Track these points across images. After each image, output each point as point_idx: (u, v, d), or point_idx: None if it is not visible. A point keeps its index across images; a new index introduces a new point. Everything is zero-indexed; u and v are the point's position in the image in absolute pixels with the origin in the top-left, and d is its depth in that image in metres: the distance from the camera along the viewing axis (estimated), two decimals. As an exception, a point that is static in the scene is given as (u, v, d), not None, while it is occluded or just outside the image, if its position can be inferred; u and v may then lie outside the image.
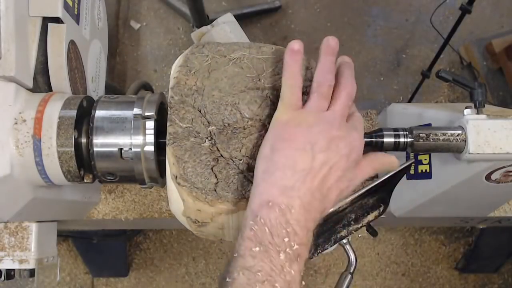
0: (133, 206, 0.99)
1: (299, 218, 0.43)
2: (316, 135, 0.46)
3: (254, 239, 0.42)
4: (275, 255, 0.41)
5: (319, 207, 0.46)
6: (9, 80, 0.59)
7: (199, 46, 0.56)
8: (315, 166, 0.45)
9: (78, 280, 1.86)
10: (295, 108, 0.48)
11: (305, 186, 0.45)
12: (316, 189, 0.45)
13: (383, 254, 1.88)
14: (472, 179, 0.72)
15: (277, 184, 0.44)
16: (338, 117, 0.49)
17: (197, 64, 0.54)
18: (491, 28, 1.94)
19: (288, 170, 0.45)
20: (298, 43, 0.50)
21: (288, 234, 0.42)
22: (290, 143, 0.46)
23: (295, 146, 0.46)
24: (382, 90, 1.90)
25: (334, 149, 0.46)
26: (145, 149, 0.57)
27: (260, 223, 0.42)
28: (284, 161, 0.45)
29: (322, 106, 0.49)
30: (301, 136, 0.46)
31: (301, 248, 0.43)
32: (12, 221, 0.69)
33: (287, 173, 0.45)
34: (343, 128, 0.48)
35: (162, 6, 1.97)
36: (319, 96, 0.49)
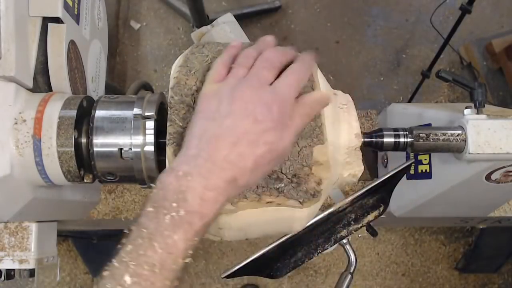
0: (133, 206, 0.99)
1: (194, 186, 0.43)
2: (223, 101, 0.46)
3: (151, 200, 0.44)
4: (161, 217, 0.42)
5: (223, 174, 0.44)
6: (9, 80, 0.59)
7: (199, 46, 0.56)
8: (220, 133, 0.44)
9: (78, 280, 1.86)
10: (213, 81, 0.49)
11: (206, 154, 0.44)
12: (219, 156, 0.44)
13: (383, 254, 1.88)
14: (472, 179, 0.72)
15: (184, 154, 0.46)
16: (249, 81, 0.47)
17: (197, 64, 0.54)
18: (491, 28, 1.94)
19: (194, 139, 0.45)
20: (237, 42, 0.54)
21: (177, 200, 0.42)
22: (200, 113, 0.47)
23: (204, 116, 0.46)
24: (382, 90, 1.90)
25: (240, 114, 0.45)
26: (145, 149, 0.57)
27: (159, 186, 0.44)
28: (193, 131, 0.46)
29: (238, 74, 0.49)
30: (211, 105, 0.46)
31: (191, 216, 0.42)
32: (12, 221, 0.69)
33: (193, 142, 0.45)
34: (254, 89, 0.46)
35: (162, 6, 1.97)
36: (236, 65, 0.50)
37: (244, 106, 0.45)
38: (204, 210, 0.43)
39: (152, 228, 0.42)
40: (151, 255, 0.42)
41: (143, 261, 0.42)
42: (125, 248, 0.44)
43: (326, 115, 0.55)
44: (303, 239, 0.65)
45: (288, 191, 0.51)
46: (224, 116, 0.45)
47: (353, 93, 0.60)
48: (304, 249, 0.65)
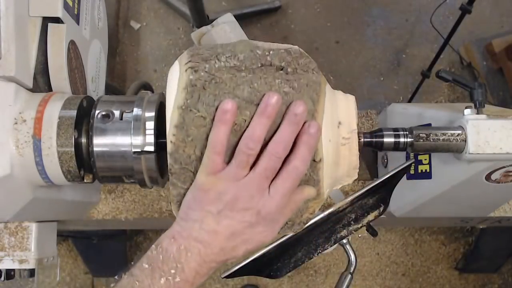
0: (133, 206, 0.99)
1: (191, 261, 0.50)
2: (223, 204, 0.50)
3: (149, 258, 0.50)
4: (157, 277, 0.49)
5: (218, 259, 0.51)
6: (9, 80, 0.59)
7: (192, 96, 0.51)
8: (219, 229, 0.51)
9: (78, 280, 1.86)
10: (210, 173, 0.50)
11: (207, 241, 0.50)
12: (217, 247, 0.51)
13: (383, 254, 1.88)
14: (472, 179, 0.72)
15: (186, 231, 0.51)
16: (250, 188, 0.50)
17: (194, 129, 0.51)
18: (491, 28, 1.94)
19: (196, 224, 0.51)
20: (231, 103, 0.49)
21: (176, 268, 0.49)
22: (200, 204, 0.51)
23: (205, 208, 0.51)
24: (382, 90, 1.90)
25: (238, 219, 0.50)
26: (145, 149, 0.57)
27: (159, 250, 0.50)
28: (196, 216, 0.51)
29: (237, 175, 0.50)
30: (210, 201, 0.50)
31: (184, 283, 0.50)
32: (12, 221, 0.69)
33: (195, 226, 0.51)
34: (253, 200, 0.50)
35: (162, 6, 1.97)
36: (237, 164, 0.50)
37: (242, 214, 0.50)
38: (196, 281, 0.51)
39: (146, 284, 0.48)
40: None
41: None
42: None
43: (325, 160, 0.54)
44: (303, 239, 0.65)
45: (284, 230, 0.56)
46: (224, 216, 0.50)
47: (353, 93, 0.60)
48: (304, 249, 0.65)
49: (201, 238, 0.50)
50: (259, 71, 0.53)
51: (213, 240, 0.51)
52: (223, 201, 0.50)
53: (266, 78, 0.52)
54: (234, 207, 0.50)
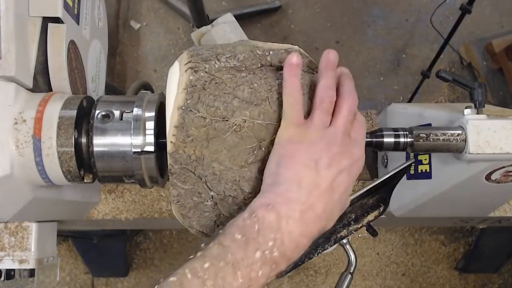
0: (133, 206, 0.99)
1: (293, 230, 0.45)
2: (319, 152, 0.48)
3: (241, 229, 0.44)
4: (252, 250, 0.43)
5: (319, 224, 0.47)
6: (9, 80, 0.59)
7: (191, 100, 0.51)
8: (320, 182, 0.47)
9: (78, 280, 1.86)
10: (297, 125, 0.49)
11: (309, 201, 0.46)
12: (319, 205, 0.47)
13: (383, 254, 1.88)
14: (472, 179, 0.72)
15: (282, 195, 0.46)
16: (340, 133, 0.49)
17: (194, 130, 0.51)
18: (491, 28, 1.94)
19: (294, 184, 0.46)
20: (296, 56, 0.51)
21: (274, 239, 0.44)
22: (294, 159, 0.47)
23: (300, 162, 0.47)
24: (382, 90, 1.90)
25: (336, 166, 0.48)
26: (145, 149, 0.57)
27: (254, 220, 0.44)
28: (290, 175, 0.47)
29: (324, 122, 0.50)
30: (305, 153, 0.47)
31: (281, 258, 0.44)
32: (12, 221, 0.69)
33: (292, 187, 0.46)
34: (345, 143, 0.49)
35: (162, 6, 1.97)
36: (321, 112, 0.50)
37: (339, 160, 0.48)
38: (294, 255, 0.46)
39: (239, 256, 0.43)
40: (230, 281, 0.42)
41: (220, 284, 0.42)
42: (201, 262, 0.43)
43: None
44: (303, 239, 0.64)
45: None
46: (322, 168, 0.47)
47: (353, 93, 0.60)
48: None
49: (302, 198, 0.46)
50: (259, 71, 0.53)
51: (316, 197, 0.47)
52: (318, 149, 0.48)
53: (266, 79, 0.52)
54: (330, 152, 0.48)
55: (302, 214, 0.45)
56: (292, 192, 0.46)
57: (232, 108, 0.51)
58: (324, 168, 0.47)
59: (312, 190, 0.46)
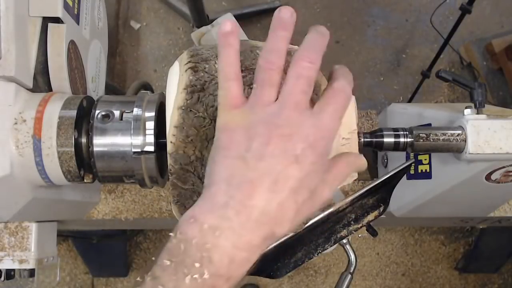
0: (133, 206, 0.99)
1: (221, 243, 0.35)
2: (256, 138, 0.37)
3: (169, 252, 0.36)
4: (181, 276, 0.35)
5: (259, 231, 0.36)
6: (9, 80, 0.59)
7: (191, 101, 0.50)
8: (255, 178, 0.36)
9: (78, 280, 1.86)
10: (232, 107, 0.39)
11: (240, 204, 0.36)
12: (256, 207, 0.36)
13: (383, 254, 1.88)
14: (472, 179, 0.72)
15: (209, 200, 0.37)
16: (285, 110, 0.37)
17: (194, 130, 0.50)
18: (491, 28, 1.94)
19: (223, 183, 0.37)
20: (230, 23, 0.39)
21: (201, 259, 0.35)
22: (225, 151, 0.38)
23: (232, 154, 0.37)
24: (382, 90, 1.90)
25: (278, 154, 0.36)
26: (145, 149, 0.57)
27: (179, 238, 0.36)
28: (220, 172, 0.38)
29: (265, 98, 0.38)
30: (239, 141, 0.37)
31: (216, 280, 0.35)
32: (12, 221, 0.69)
33: (221, 187, 0.37)
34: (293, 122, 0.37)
35: (162, 6, 1.97)
36: (260, 85, 0.39)
37: (283, 145, 0.36)
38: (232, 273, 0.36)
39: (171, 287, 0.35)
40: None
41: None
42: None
43: None
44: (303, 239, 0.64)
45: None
46: (258, 157, 0.36)
47: (353, 93, 0.60)
48: (304, 249, 0.65)
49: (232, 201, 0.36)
50: None
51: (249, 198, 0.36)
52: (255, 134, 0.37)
53: None
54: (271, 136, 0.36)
55: (231, 222, 0.35)
56: (220, 195, 0.36)
57: None
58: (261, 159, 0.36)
59: (245, 189, 0.36)
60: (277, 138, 0.36)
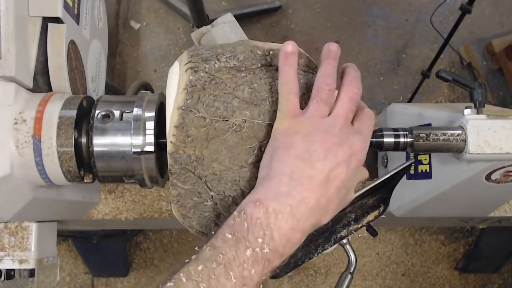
0: (133, 206, 0.99)
1: (282, 225, 0.43)
2: (314, 143, 0.46)
3: (231, 228, 0.44)
4: (242, 249, 0.42)
5: (312, 218, 0.45)
6: (9, 80, 0.59)
7: (192, 101, 0.51)
8: (313, 175, 0.45)
9: (78, 280, 1.86)
10: (292, 116, 0.48)
11: (300, 195, 0.44)
12: (312, 199, 0.45)
13: (383, 254, 1.88)
14: (472, 179, 0.72)
15: (272, 189, 0.45)
16: (338, 123, 0.47)
17: (194, 130, 0.51)
18: (491, 28, 1.94)
19: (285, 176, 0.45)
20: (292, 45, 0.49)
21: (264, 236, 0.43)
22: (288, 151, 0.46)
23: (293, 154, 0.46)
24: (382, 90, 1.90)
25: (332, 158, 0.46)
26: (145, 149, 0.57)
27: (242, 217, 0.44)
28: (282, 168, 0.46)
29: (322, 112, 0.48)
30: (299, 144, 0.46)
31: (273, 255, 0.43)
32: (12, 221, 0.69)
33: (283, 180, 0.45)
34: (344, 134, 0.47)
35: (162, 6, 1.97)
36: (318, 101, 0.48)
37: (335, 152, 0.46)
38: (286, 251, 0.44)
39: (231, 256, 0.42)
40: (224, 282, 0.41)
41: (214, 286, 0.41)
42: (195, 266, 0.43)
43: None
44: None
45: None
46: (316, 158, 0.45)
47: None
48: (304, 249, 0.65)
49: (293, 191, 0.44)
50: (259, 71, 0.53)
51: (308, 191, 0.45)
52: (313, 140, 0.46)
53: (266, 79, 0.53)
54: (326, 143, 0.46)
55: (292, 208, 0.44)
56: (283, 186, 0.45)
57: (232, 108, 0.51)
58: (318, 160, 0.45)
59: (304, 183, 0.45)
60: (332, 145, 0.46)
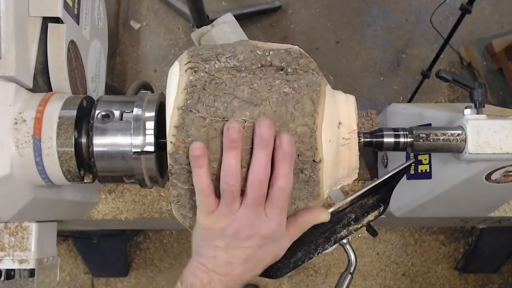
0: (133, 206, 0.99)
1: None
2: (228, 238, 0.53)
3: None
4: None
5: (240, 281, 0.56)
6: (9, 80, 0.59)
7: (191, 102, 0.51)
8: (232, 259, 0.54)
9: (78, 280, 1.86)
10: (207, 213, 0.53)
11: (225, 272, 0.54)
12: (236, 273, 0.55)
13: (383, 254, 1.88)
14: (472, 179, 0.72)
15: (203, 265, 0.55)
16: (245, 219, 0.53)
17: (194, 130, 0.51)
18: (491, 28, 1.94)
19: (211, 259, 0.54)
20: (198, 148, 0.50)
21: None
22: (208, 242, 0.54)
23: (213, 244, 0.54)
24: (382, 90, 1.90)
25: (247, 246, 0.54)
26: (145, 149, 0.57)
27: (184, 286, 0.54)
28: (207, 253, 0.55)
29: (231, 209, 0.52)
30: (217, 238, 0.54)
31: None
32: (12, 221, 0.69)
33: (210, 261, 0.54)
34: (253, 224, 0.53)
35: (162, 6, 1.97)
36: (226, 202, 0.52)
37: (248, 240, 0.54)
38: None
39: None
40: None
41: None
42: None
43: (325, 160, 0.53)
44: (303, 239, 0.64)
45: None
46: (232, 248, 0.54)
47: (353, 93, 0.60)
48: (304, 249, 0.65)
49: (219, 270, 0.54)
50: (259, 71, 0.53)
51: (231, 270, 0.54)
52: (227, 235, 0.53)
53: (266, 79, 0.52)
54: (239, 237, 0.53)
55: (221, 280, 0.54)
56: (211, 265, 0.54)
57: (232, 108, 0.51)
58: (234, 249, 0.54)
59: (226, 265, 0.54)
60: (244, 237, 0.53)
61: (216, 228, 0.53)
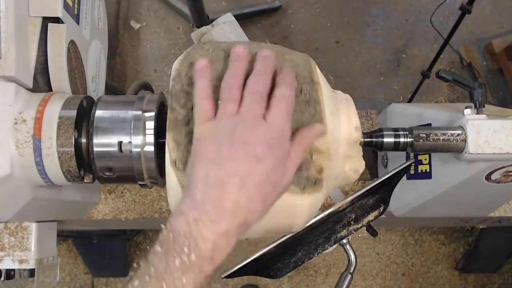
0: (133, 206, 0.99)
1: (204, 232, 0.44)
2: (222, 146, 0.46)
3: (160, 241, 0.45)
4: (171, 260, 0.43)
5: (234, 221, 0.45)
6: (9, 80, 0.59)
7: (200, 43, 0.56)
8: (224, 177, 0.45)
9: (78, 280, 1.86)
10: (205, 120, 0.48)
11: (215, 200, 0.44)
12: (228, 202, 0.44)
13: (383, 254, 1.88)
14: (472, 179, 0.72)
15: (191, 198, 0.46)
16: (244, 119, 0.47)
17: (198, 57, 0.53)
18: (491, 28, 1.94)
19: (200, 183, 0.45)
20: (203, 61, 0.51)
21: (189, 245, 0.43)
22: (201, 157, 0.46)
23: (205, 159, 0.46)
24: (382, 90, 1.90)
25: (242, 157, 0.45)
26: (145, 149, 0.57)
27: (168, 229, 0.45)
28: (197, 175, 0.46)
29: (227, 112, 0.48)
30: (209, 148, 0.46)
31: (202, 262, 0.44)
32: (12, 221, 0.69)
33: (199, 187, 0.45)
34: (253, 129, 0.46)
35: (162, 6, 1.97)
36: (223, 101, 0.48)
37: (244, 148, 0.45)
38: (216, 256, 0.44)
39: (162, 268, 0.43)
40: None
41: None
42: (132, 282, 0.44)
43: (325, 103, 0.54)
44: (303, 239, 0.65)
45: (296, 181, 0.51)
46: (226, 159, 0.45)
47: (353, 93, 0.60)
48: (304, 249, 0.65)
49: (209, 198, 0.45)
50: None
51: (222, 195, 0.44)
52: (221, 141, 0.46)
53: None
54: (234, 142, 0.45)
55: (211, 216, 0.44)
56: (199, 193, 0.45)
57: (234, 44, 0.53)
58: (228, 161, 0.45)
59: (217, 187, 0.45)
60: (239, 143, 0.45)
61: (212, 135, 0.47)
